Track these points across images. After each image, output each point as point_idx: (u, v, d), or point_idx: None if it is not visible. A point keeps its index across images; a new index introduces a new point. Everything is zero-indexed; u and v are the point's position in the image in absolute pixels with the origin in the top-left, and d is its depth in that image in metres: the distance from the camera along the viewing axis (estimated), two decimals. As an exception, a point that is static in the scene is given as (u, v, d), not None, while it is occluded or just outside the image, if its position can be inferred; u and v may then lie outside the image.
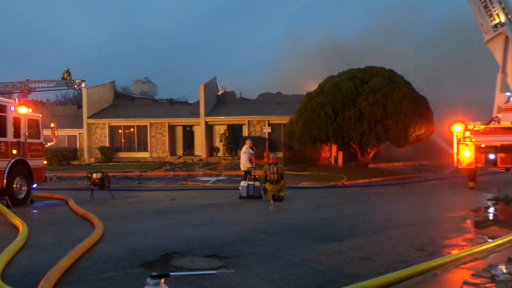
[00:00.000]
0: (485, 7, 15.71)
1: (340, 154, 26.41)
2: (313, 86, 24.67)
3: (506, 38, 15.43)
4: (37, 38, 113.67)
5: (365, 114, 20.52)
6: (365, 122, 20.56)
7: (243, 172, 14.05)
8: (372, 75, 21.99)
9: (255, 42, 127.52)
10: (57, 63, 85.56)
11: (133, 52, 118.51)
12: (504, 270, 4.70)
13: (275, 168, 12.59)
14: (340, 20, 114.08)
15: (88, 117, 31.94)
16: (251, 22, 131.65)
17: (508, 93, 15.35)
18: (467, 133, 15.13)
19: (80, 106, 34.48)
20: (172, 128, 32.58)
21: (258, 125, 30.77)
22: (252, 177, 13.15)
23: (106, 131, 31.92)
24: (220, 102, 35.56)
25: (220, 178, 21.20)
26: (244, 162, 13.87)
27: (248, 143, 14.15)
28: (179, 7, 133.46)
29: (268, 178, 12.54)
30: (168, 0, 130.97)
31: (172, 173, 23.78)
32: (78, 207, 10.50)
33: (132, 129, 32.26)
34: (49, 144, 14.25)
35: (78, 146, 32.02)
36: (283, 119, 28.70)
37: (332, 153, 27.47)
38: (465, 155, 14.68)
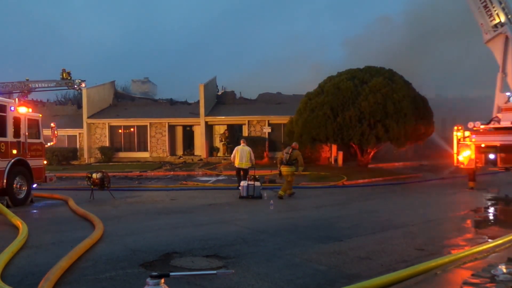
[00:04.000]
0: (485, 7, 15.68)
1: (340, 154, 26.39)
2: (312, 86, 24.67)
3: (506, 38, 15.41)
4: (37, 37, 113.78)
5: (365, 114, 20.51)
6: (365, 122, 20.55)
7: (241, 172, 14.09)
8: (372, 75, 21.97)
9: (255, 42, 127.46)
10: (56, 62, 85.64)
11: (133, 52, 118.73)
12: (504, 270, 4.70)
13: (290, 150, 13.10)
14: (341, 22, 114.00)
15: (88, 117, 31.93)
16: (251, 22, 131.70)
17: (508, 93, 15.32)
18: (467, 133, 15.14)
19: (80, 106, 34.45)
20: (172, 128, 32.57)
21: (258, 125, 30.76)
22: (252, 177, 13.17)
23: (106, 131, 31.90)
24: (220, 102, 35.53)
25: (220, 178, 21.20)
26: (247, 161, 13.90)
27: (242, 142, 14.53)
28: (179, 8, 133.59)
29: (280, 159, 13.13)
30: (168, 1, 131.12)
31: (172, 173, 23.77)
32: (78, 207, 10.50)
33: (132, 129, 32.25)
34: (49, 144, 14.25)
35: (78, 146, 31.98)
36: (283, 119, 28.68)
37: (332, 153, 27.46)
38: (465, 155, 14.69)
